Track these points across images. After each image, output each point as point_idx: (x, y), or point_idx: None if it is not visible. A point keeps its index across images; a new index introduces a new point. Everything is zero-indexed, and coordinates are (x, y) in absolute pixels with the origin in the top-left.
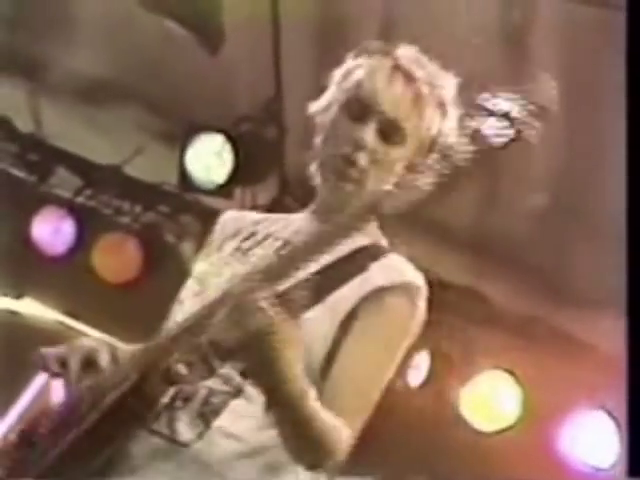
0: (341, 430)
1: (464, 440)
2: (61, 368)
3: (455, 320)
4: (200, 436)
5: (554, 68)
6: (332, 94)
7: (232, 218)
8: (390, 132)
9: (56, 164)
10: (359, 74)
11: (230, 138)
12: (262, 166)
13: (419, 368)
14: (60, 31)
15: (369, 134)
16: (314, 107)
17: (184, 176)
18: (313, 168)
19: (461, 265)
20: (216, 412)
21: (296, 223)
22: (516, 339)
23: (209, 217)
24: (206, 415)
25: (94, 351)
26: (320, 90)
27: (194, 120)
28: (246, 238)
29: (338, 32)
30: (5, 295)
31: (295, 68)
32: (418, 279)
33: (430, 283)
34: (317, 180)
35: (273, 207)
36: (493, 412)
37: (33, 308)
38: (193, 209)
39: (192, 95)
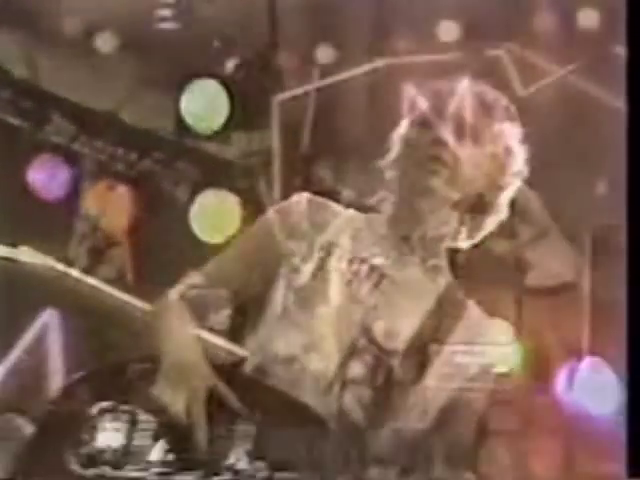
0: None
1: None
2: None
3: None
4: None
5: None
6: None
7: (315, 205)
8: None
9: (51, 111)
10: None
11: (225, 84)
12: (258, 112)
13: None
14: None
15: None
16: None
17: (180, 122)
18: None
19: None
20: None
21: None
22: (514, 287)
23: (205, 163)
24: None
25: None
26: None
27: (189, 66)
28: (340, 258)
29: None
30: (0, 243)
31: (290, 15)
32: None
33: None
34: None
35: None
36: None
37: (29, 255)
38: (189, 155)
39: (187, 41)
